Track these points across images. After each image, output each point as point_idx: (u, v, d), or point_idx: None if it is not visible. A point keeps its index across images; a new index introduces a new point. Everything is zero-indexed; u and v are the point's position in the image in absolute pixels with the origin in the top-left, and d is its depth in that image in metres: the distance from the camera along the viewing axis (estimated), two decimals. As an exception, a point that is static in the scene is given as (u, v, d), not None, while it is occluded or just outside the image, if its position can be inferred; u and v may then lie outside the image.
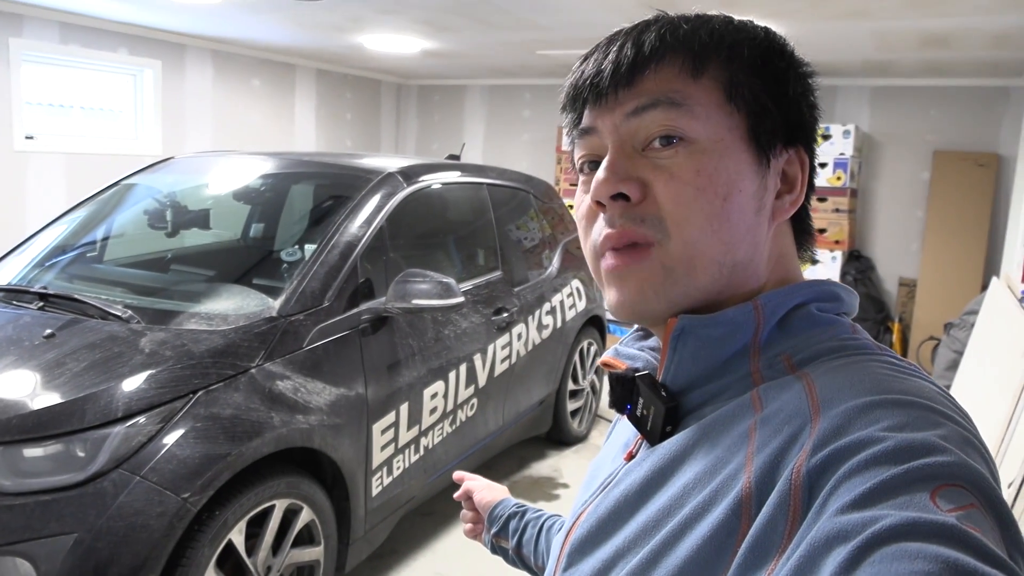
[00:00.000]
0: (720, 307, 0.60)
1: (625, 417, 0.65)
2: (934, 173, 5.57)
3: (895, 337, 5.66)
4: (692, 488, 0.52)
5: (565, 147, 0.70)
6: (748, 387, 0.56)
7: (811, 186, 0.65)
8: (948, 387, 3.36)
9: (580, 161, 0.65)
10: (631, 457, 0.63)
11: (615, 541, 0.56)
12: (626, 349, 0.70)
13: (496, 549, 1.02)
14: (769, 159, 0.60)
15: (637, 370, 0.65)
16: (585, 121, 0.63)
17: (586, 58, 0.64)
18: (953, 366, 3.59)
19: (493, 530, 1.01)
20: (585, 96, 0.62)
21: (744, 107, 0.59)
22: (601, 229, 0.61)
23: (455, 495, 1.10)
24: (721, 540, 0.48)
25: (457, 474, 1.12)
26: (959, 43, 4.25)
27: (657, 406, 0.60)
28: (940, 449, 0.43)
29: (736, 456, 0.51)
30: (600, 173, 0.59)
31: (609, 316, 4.38)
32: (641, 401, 0.62)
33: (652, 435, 0.60)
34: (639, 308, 0.60)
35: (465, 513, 1.08)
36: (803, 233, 0.67)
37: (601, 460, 0.71)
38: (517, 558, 0.99)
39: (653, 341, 0.70)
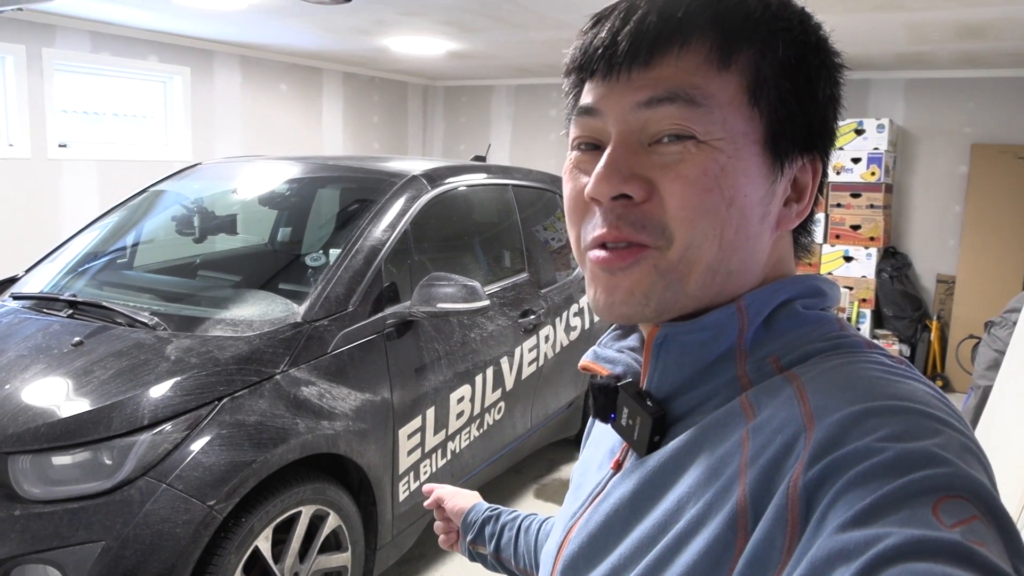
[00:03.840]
0: (706, 311, 0.56)
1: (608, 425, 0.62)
2: (972, 167, 5.42)
3: (933, 335, 5.52)
4: (686, 501, 0.50)
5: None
6: (736, 392, 0.54)
7: (820, 189, 0.61)
8: (989, 387, 3.26)
9: (575, 141, 0.60)
10: (618, 466, 0.61)
11: (611, 559, 0.54)
12: (605, 351, 0.67)
13: (474, 556, 0.98)
14: (783, 166, 0.56)
15: (619, 378, 0.62)
16: (588, 98, 0.57)
17: (600, 20, 0.57)
18: (995, 365, 3.48)
19: (469, 537, 0.98)
20: (594, 67, 0.57)
21: (766, 110, 0.55)
22: (595, 226, 0.56)
23: (425, 504, 1.06)
24: (717, 555, 0.47)
25: (426, 487, 1.08)
26: (996, 33, 4.14)
27: (644, 416, 0.57)
28: (939, 459, 0.42)
29: (729, 467, 0.49)
30: (600, 169, 0.54)
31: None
32: (626, 411, 0.59)
33: (640, 446, 0.58)
34: (625, 312, 0.56)
35: (438, 524, 1.04)
36: (803, 236, 0.63)
37: (585, 466, 0.68)
38: (496, 563, 0.96)
39: (633, 340, 0.67)
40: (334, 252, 2.67)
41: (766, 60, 0.55)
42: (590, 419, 0.72)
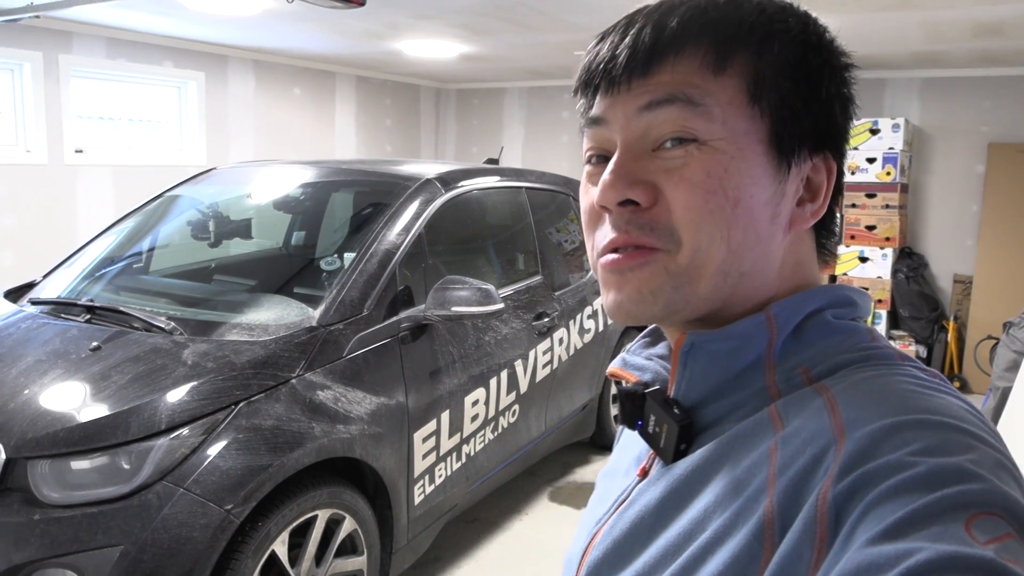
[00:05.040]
0: (726, 315, 0.57)
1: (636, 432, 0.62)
2: (989, 166, 5.37)
3: (950, 336, 5.48)
4: (713, 511, 0.50)
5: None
6: (765, 402, 0.54)
7: (839, 190, 0.60)
8: (1009, 389, 3.22)
9: (588, 153, 0.61)
10: (644, 473, 0.61)
11: (635, 566, 0.54)
12: (633, 359, 0.67)
13: None
14: (790, 165, 0.56)
15: (647, 385, 0.62)
16: (595, 110, 0.59)
17: (603, 38, 0.59)
18: (1014, 366, 3.44)
19: None
20: (597, 82, 0.58)
21: (768, 110, 0.55)
22: (606, 233, 0.57)
23: None
24: (743, 566, 0.46)
25: None
26: (1013, 31, 4.10)
27: (670, 424, 0.57)
28: (973, 475, 0.41)
29: (756, 477, 0.49)
30: (607, 176, 0.56)
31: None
32: (653, 418, 0.59)
33: (666, 453, 0.58)
34: (635, 311, 0.57)
35: None
36: (825, 236, 0.63)
37: (612, 472, 0.68)
38: None
39: (662, 348, 0.67)
40: (348, 256, 2.67)
41: (764, 60, 0.55)
42: (620, 424, 0.72)
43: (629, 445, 0.68)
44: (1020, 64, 5.24)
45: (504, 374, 3.00)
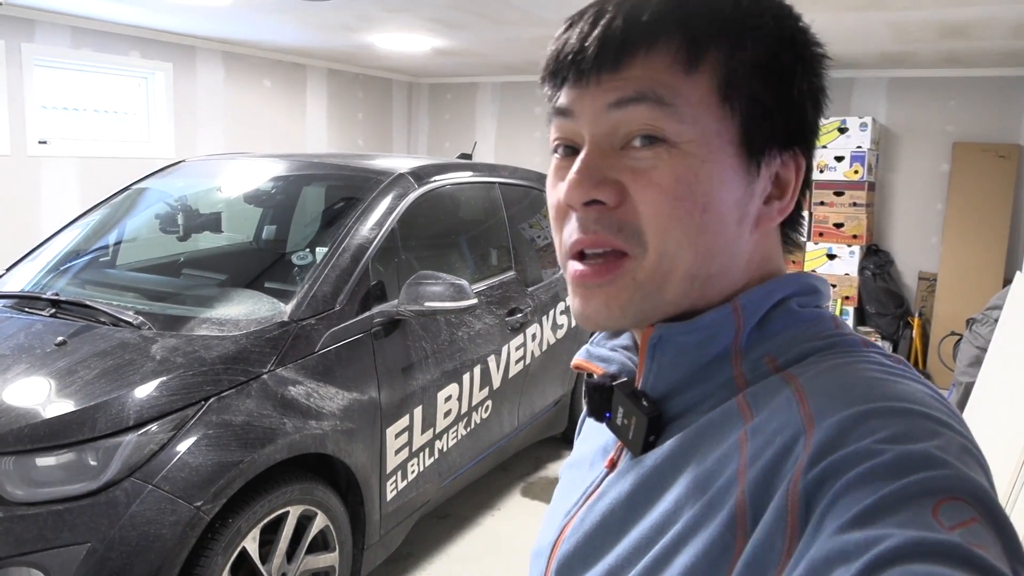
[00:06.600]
0: (693, 313, 0.56)
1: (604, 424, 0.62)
2: (954, 165, 5.47)
3: (915, 332, 5.58)
4: (684, 503, 0.50)
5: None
6: (732, 392, 0.54)
7: (806, 184, 0.59)
8: (971, 384, 3.29)
9: (555, 143, 0.60)
10: (612, 465, 0.61)
11: (607, 559, 0.54)
12: (598, 350, 0.67)
13: None
14: (760, 165, 0.56)
15: (614, 377, 0.62)
16: (562, 100, 0.57)
17: (571, 24, 0.57)
18: (976, 362, 3.51)
19: None
20: (565, 74, 0.56)
21: (739, 109, 0.54)
22: (572, 232, 0.56)
23: None
24: (716, 556, 0.46)
25: None
26: (978, 33, 4.18)
27: (639, 416, 0.57)
28: (939, 461, 0.42)
29: (727, 468, 0.49)
30: (572, 175, 0.54)
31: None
32: (621, 410, 0.59)
33: (635, 445, 0.57)
34: (604, 325, 0.57)
35: None
36: (791, 228, 0.62)
37: (578, 463, 0.67)
38: None
39: (625, 338, 0.66)
40: (321, 250, 2.65)
41: (736, 59, 0.54)
42: (582, 415, 0.71)
43: (594, 436, 0.67)
44: (985, 65, 5.35)
45: (477, 370, 3.00)
